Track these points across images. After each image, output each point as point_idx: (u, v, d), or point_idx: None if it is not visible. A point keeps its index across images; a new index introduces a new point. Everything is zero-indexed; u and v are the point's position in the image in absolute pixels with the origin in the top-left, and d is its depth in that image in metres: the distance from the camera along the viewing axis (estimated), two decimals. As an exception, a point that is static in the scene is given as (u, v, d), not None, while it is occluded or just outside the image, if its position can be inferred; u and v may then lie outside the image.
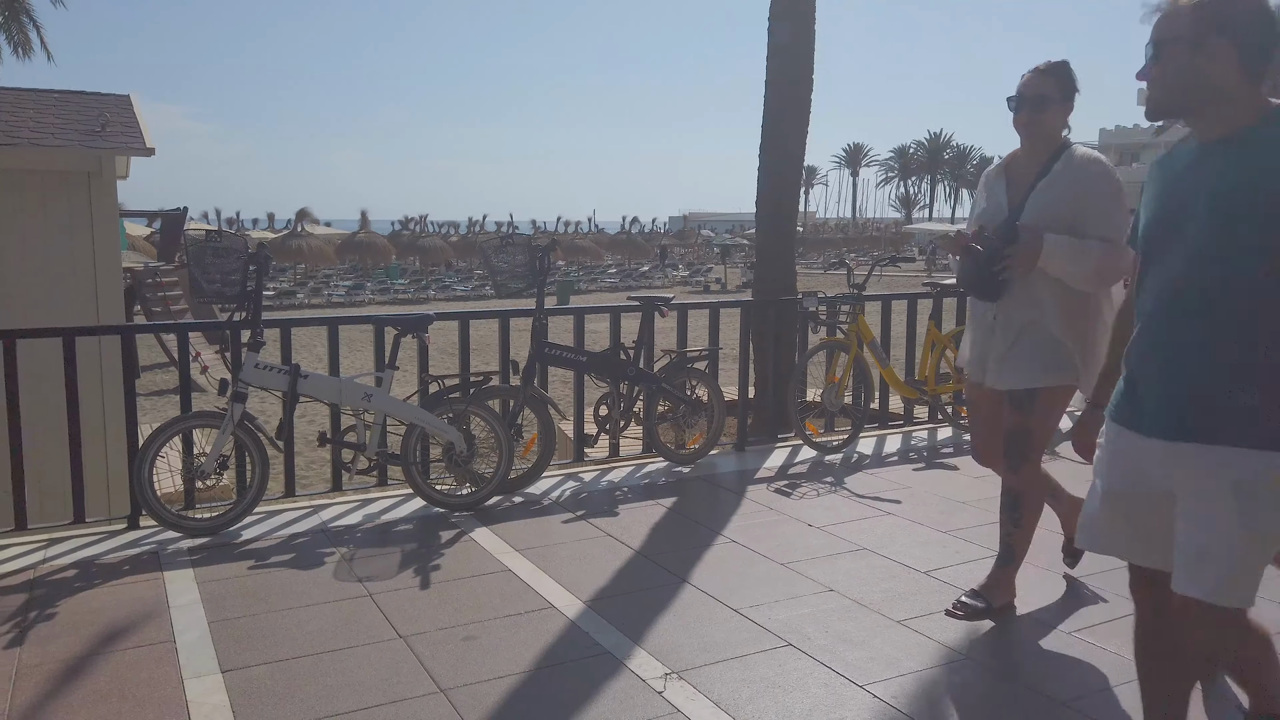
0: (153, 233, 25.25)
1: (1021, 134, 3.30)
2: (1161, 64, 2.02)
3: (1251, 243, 1.91)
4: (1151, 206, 2.13)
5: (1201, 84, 1.99)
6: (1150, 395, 2.08)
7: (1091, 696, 2.87)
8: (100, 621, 3.40)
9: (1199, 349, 2.00)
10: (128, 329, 4.89)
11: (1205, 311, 1.99)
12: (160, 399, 14.93)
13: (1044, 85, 3.23)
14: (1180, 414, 2.02)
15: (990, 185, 3.45)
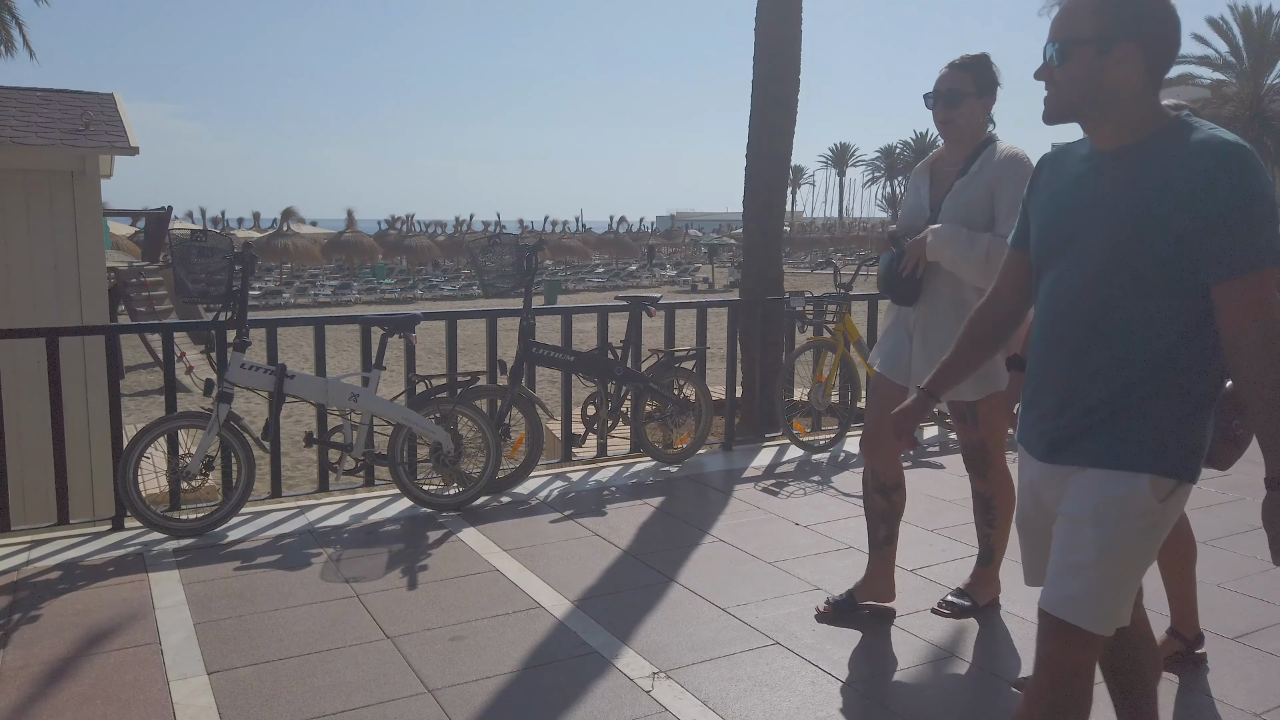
0: (137, 232, 25.10)
1: (939, 130, 3.22)
2: (1066, 66, 1.88)
3: (1144, 259, 1.81)
4: (1044, 214, 2.01)
5: (1107, 89, 1.85)
6: (1041, 414, 1.98)
7: (1076, 693, 2.88)
8: (85, 623, 3.38)
9: (1087, 366, 1.90)
10: (112, 329, 4.86)
11: (1096, 328, 1.89)
12: (145, 399, 14.83)
13: (958, 80, 3.13)
14: (1063, 434, 1.93)
15: (916, 183, 3.37)
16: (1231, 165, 1.76)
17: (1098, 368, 1.88)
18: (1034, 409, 2.00)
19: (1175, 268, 1.79)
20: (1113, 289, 1.85)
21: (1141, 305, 1.83)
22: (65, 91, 8.87)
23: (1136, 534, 1.85)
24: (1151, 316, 1.83)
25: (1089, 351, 1.89)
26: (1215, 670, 3.02)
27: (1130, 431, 1.85)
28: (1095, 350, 1.88)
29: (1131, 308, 1.84)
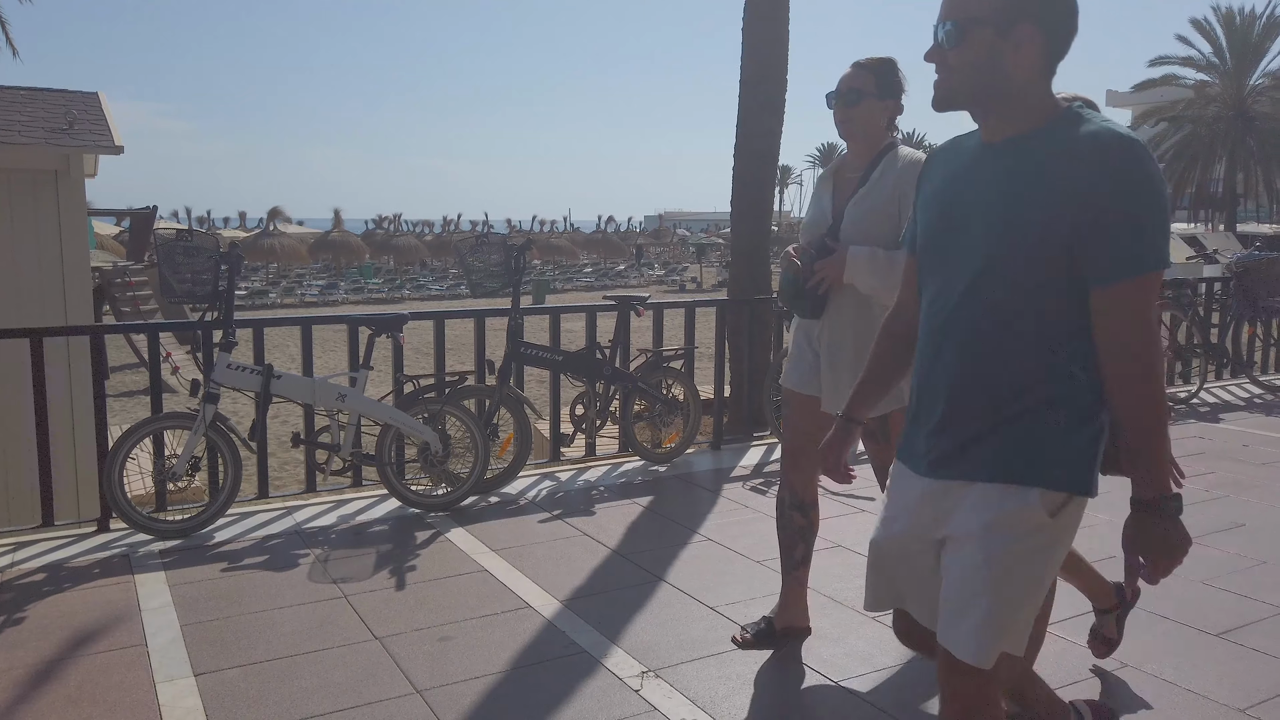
0: (122, 231, 24.94)
1: (838, 131, 3.05)
2: (962, 48, 1.72)
3: (1027, 260, 1.68)
4: (930, 209, 1.87)
5: (1003, 75, 1.70)
6: (926, 429, 1.84)
7: (1062, 690, 2.90)
8: (70, 625, 3.36)
9: (971, 375, 1.76)
10: (97, 329, 4.83)
11: (980, 334, 1.74)
12: (130, 400, 14.74)
13: (859, 79, 2.95)
14: (948, 448, 1.79)
15: (819, 190, 3.19)
16: (1118, 160, 1.62)
17: (982, 376, 1.75)
18: (918, 423, 1.87)
19: (1060, 269, 1.67)
20: (996, 293, 1.72)
21: (1027, 310, 1.71)
22: (49, 90, 8.80)
23: (1029, 553, 1.74)
24: (1038, 322, 1.71)
25: (973, 360, 1.76)
26: (1200, 666, 3.05)
27: (1017, 443, 1.73)
28: (979, 358, 1.75)
29: (1016, 313, 1.71)
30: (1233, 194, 36.12)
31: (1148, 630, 3.31)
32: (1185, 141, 36.70)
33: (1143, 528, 1.69)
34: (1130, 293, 1.64)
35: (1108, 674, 3.01)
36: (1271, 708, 2.79)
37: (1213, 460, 5.60)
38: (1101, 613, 3.07)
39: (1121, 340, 1.65)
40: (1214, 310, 8.14)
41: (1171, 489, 1.69)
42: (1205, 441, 6.08)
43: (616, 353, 5.55)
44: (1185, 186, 37.03)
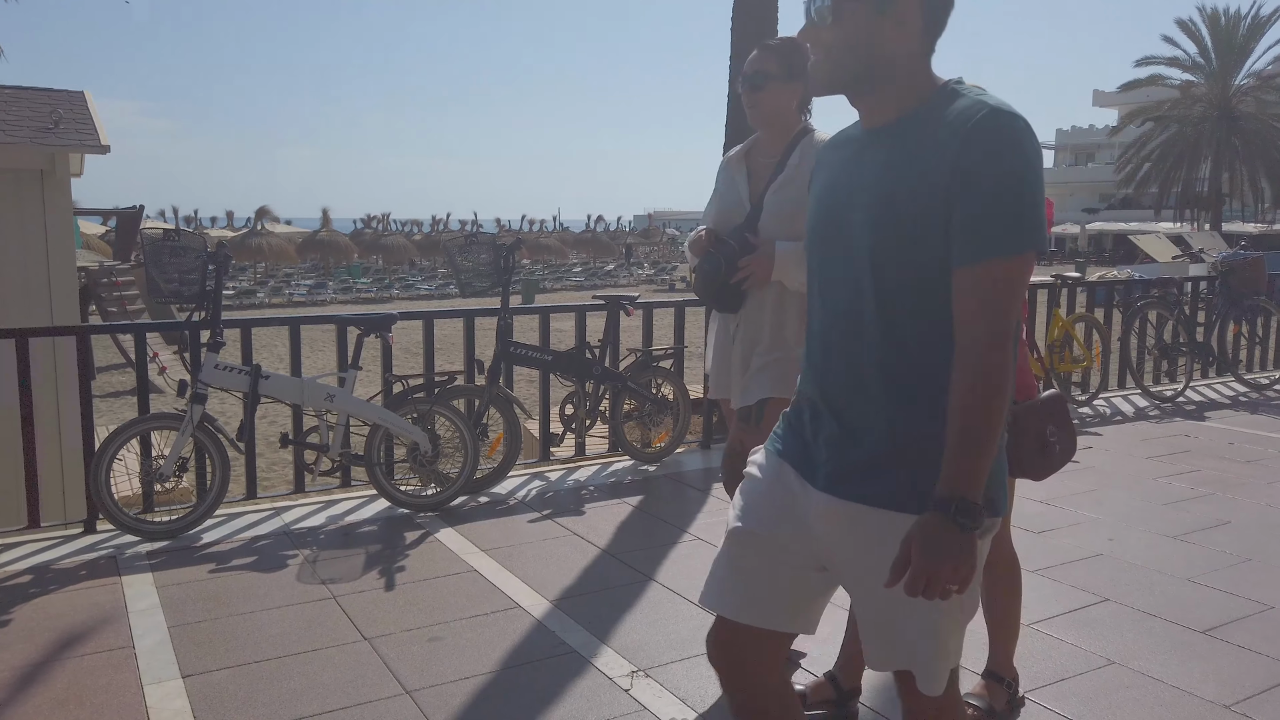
0: (108, 231, 24.79)
1: (748, 116, 2.91)
2: (839, 25, 1.58)
3: (910, 251, 1.54)
4: (814, 207, 1.74)
5: (884, 54, 1.57)
6: (822, 436, 1.68)
7: (1049, 687, 2.92)
8: (57, 627, 3.34)
9: (866, 384, 1.61)
10: (83, 330, 4.80)
11: (873, 331, 1.59)
12: (117, 400, 14.65)
13: (763, 61, 2.82)
14: (848, 465, 1.63)
15: (730, 175, 3.02)
16: (986, 133, 1.48)
17: (878, 383, 1.60)
18: (811, 428, 1.71)
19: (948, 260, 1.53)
20: (884, 291, 1.57)
21: (919, 307, 1.56)
22: (34, 89, 8.74)
23: None
24: (931, 320, 1.55)
25: (867, 367, 1.61)
26: (1185, 664, 3.07)
27: (932, 469, 1.53)
28: (874, 366, 1.60)
29: (908, 311, 1.57)
30: (1218, 193, 36.35)
31: (1132, 627, 3.33)
32: (1171, 141, 36.93)
33: (926, 527, 1.47)
34: (988, 276, 1.48)
35: (1093, 670, 3.02)
36: (1257, 704, 2.81)
37: (1198, 458, 5.64)
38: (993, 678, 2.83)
39: (972, 326, 1.49)
40: (1200, 309, 8.19)
41: (975, 497, 1.47)
42: (1191, 439, 6.12)
43: (606, 352, 5.55)
44: (1171, 186, 37.26)
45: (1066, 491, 4.94)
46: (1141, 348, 7.72)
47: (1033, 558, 3.98)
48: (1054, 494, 4.90)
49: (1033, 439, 2.23)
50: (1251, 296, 7.98)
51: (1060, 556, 4.01)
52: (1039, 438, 2.24)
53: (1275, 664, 3.06)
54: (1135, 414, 6.96)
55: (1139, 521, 4.46)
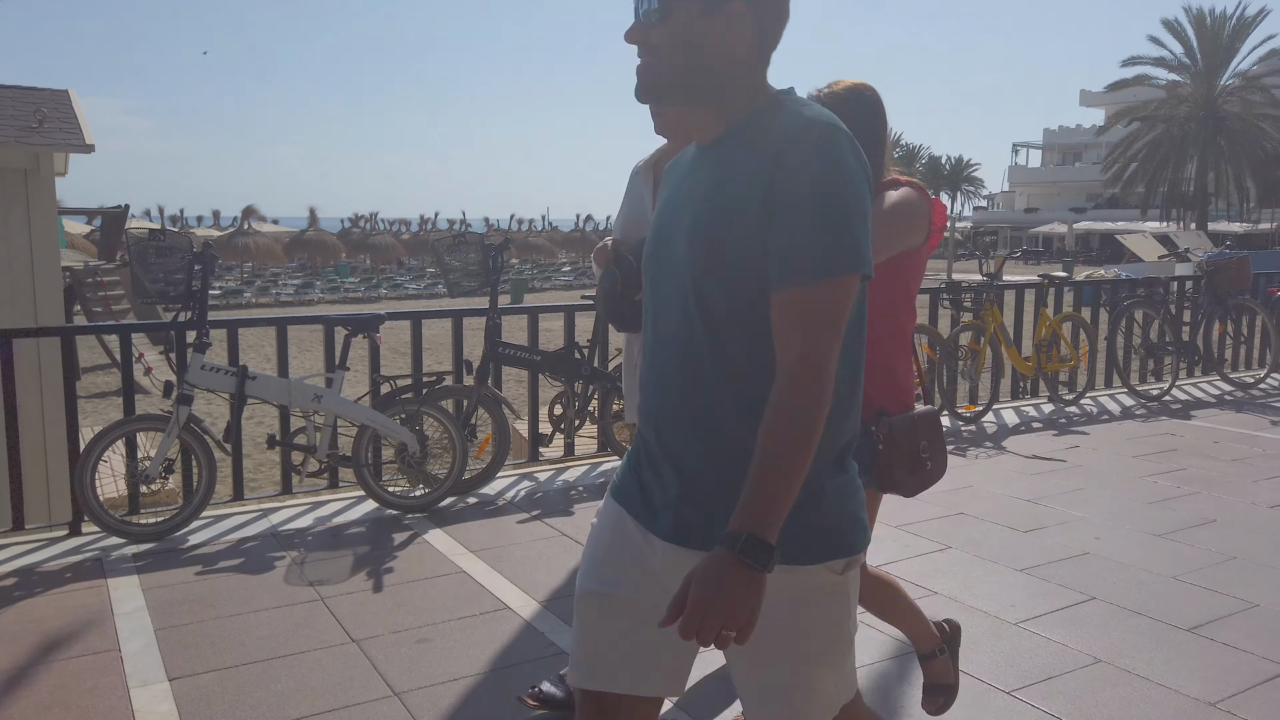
0: (93, 230, 24.65)
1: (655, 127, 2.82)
2: (666, 24, 1.45)
3: (741, 267, 1.41)
4: (653, 222, 1.62)
5: (713, 56, 1.45)
6: (657, 479, 1.54)
7: (1036, 685, 2.93)
8: (42, 631, 3.32)
9: (706, 425, 1.47)
10: (68, 330, 4.78)
11: (698, 366, 1.46)
12: (102, 401, 14.56)
13: None
14: (696, 515, 1.49)
15: (637, 187, 2.94)
16: (805, 146, 1.38)
17: (712, 423, 1.46)
18: (649, 470, 1.56)
19: None
20: (712, 319, 1.44)
21: (750, 339, 1.43)
22: (18, 88, 8.68)
23: (825, 617, 1.52)
24: (766, 353, 1.41)
25: (699, 402, 1.47)
26: (1171, 661, 3.09)
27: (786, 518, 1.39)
28: (706, 401, 1.46)
29: (739, 342, 1.43)
30: (1204, 193, 36.62)
31: (1118, 625, 3.35)
32: (1158, 141, 37.18)
33: (709, 565, 1.32)
34: (804, 301, 1.36)
35: (1080, 669, 3.04)
36: (1242, 701, 2.83)
37: (1184, 456, 5.68)
38: (926, 657, 2.71)
39: (788, 355, 1.36)
40: (1185, 308, 8.24)
41: (768, 535, 1.32)
42: (1177, 438, 6.16)
43: (595, 352, 5.55)
44: (1158, 185, 37.51)
45: (1053, 490, 4.97)
46: (1128, 347, 7.77)
47: (1020, 556, 4.00)
48: (1041, 493, 4.92)
49: (905, 455, 2.25)
50: (1236, 296, 8.04)
51: (1047, 555, 4.03)
52: (912, 454, 2.26)
53: (1260, 661, 3.08)
54: (1122, 413, 7.00)
55: (1125, 520, 4.48)
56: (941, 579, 3.77)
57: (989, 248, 54.46)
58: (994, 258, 7.66)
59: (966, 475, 5.29)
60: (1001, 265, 7.33)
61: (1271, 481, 5.14)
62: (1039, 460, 5.61)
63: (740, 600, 1.30)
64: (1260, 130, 35.22)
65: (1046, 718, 2.75)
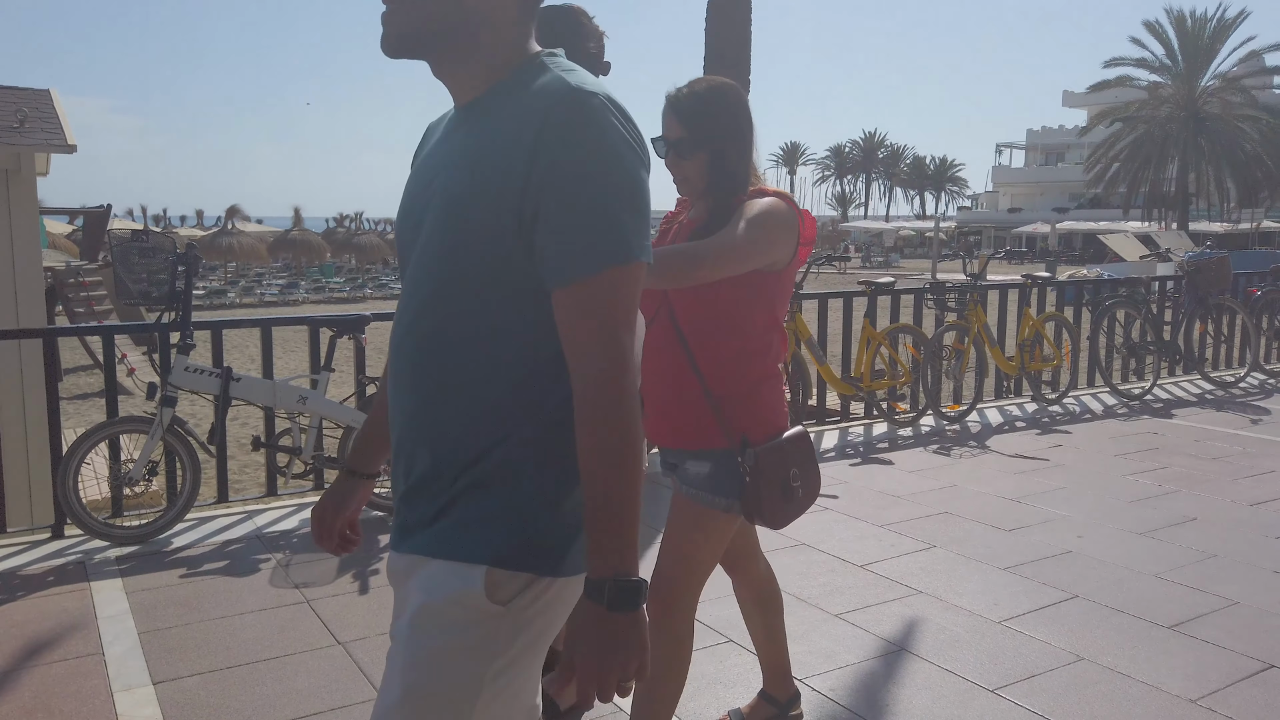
0: (75, 230, 24.47)
1: None
2: None
3: (478, 256, 1.27)
4: (404, 192, 1.46)
5: (468, 9, 1.29)
6: (399, 483, 1.40)
7: (1019, 684, 2.96)
8: (24, 635, 3.29)
9: (431, 413, 1.33)
10: (50, 332, 4.74)
11: (436, 358, 1.32)
12: (85, 403, 14.45)
13: None
14: (414, 513, 1.36)
15: None
16: (562, 119, 1.22)
17: (442, 415, 1.32)
18: (394, 474, 1.43)
19: (521, 271, 1.27)
20: (450, 302, 1.30)
21: (492, 327, 1.29)
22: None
23: (459, 653, 1.28)
24: (503, 343, 1.29)
25: (431, 392, 1.33)
26: (1152, 659, 3.12)
27: (475, 506, 1.30)
28: (438, 390, 1.32)
29: (475, 330, 1.30)
30: (1185, 193, 36.91)
31: (1101, 623, 3.38)
32: (1139, 141, 37.46)
33: (584, 624, 1.23)
34: (588, 296, 1.23)
35: (1063, 666, 3.06)
36: (1223, 698, 2.86)
37: (1165, 455, 5.73)
38: (765, 698, 2.68)
39: (581, 361, 1.24)
40: (1167, 308, 8.32)
41: (631, 569, 1.23)
42: (1158, 437, 6.21)
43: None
44: (1139, 185, 37.81)
45: (1036, 489, 5.01)
46: (1110, 346, 7.83)
47: (1003, 555, 4.03)
48: (1024, 492, 4.96)
49: (774, 485, 2.12)
50: (1217, 296, 8.12)
51: (1030, 554, 4.06)
52: (781, 483, 2.12)
53: (1240, 658, 3.11)
54: (1104, 412, 7.05)
55: (1107, 518, 4.52)
56: (925, 578, 3.79)
57: (973, 248, 54.76)
58: (978, 258, 7.71)
59: (951, 474, 5.32)
60: (985, 265, 7.37)
61: (1252, 479, 5.20)
62: (1022, 459, 5.65)
63: (628, 648, 1.22)
64: (1240, 131, 35.54)
65: (1029, 715, 2.77)
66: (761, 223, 2.12)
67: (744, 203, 2.16)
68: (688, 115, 2.17)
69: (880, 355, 6.65)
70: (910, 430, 6.45)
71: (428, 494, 1.34)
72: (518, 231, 1.25)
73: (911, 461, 5.64)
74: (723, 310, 2.18)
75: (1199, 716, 2.77)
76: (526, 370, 1.30)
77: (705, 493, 2.23)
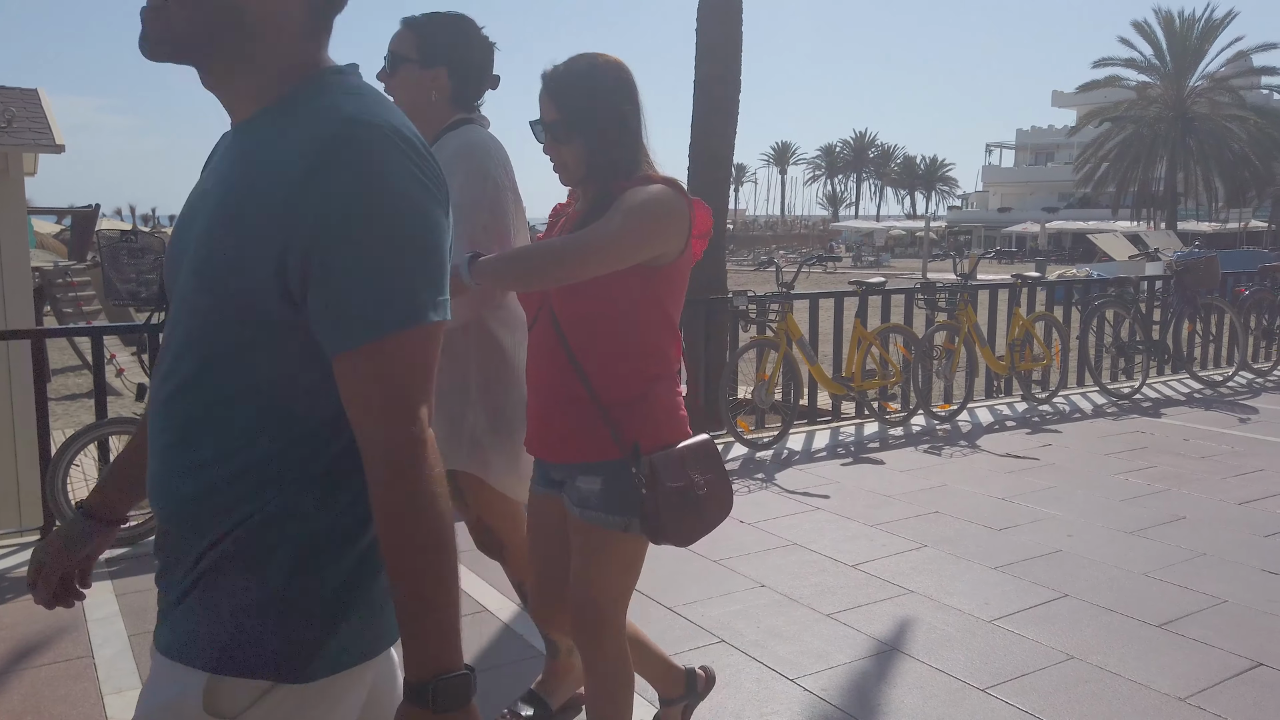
0: (63, 230, 24.33)
1: None
2: None
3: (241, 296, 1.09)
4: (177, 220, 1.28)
5: (236, 8, 1.11)
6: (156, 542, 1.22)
7: (1010, 682, 2.97)
8: (13, 638, 3.28)
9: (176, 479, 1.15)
10: (38, 333, 4.71)
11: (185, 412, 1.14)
12: (74, 404, 14.37)
13: (401, 41, 2.38)
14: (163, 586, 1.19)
15: None
16: (336, 159, 1.05)
17: (188, 483, 1.14)
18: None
19: (289, 324, 1.09)
20: (204, 350, 1.13)
21: (248, 384, 1.12)
22: (-14, 86, 8.56)
23: None
24: (263, 400, 1.12)
25: (178, 452, 1.15)
26: (1141, 657, 3.13)
27: (211, 594, 1.11)
28: (185, 451, 1.14)
29: (233, 386, 1.12)
30: (1173, 193, 37.12)
31: (1091, 622, 3.40)
32: (1128, 141, 37.66)
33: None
34: (369, 365, 1.06)
35: (1053, 665, 3.08)
36: (1211, 696, 2.88)
37: (1154, 454, 5.76)
38: (667, 703, 2.57)
39: (372, 433, 1.07)
40: (1155, 307, 8.36)
41: (455, 665, 1.09)
42: (1147, 436, 6.24)
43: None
44: (1128, 185, 38.00)
45: (1027, 488, 5.03)
46: (1099, 346, 7.86)
47: (994, 554, 4.05)
48: (1014, 491, 4.98)
49: (674, 497, 1.94)
50: (1205, 295, 8.17)
51: (1020, 553, 4.07)
52: (682, 495, 1.95)
53: (1228, 656, 3.13)
54: (1094, 411, 7.08)
55: (1097, 517, 4.54)
56: (916, 577, 3.81)
57: (963, 247, 54.94)
58: (968, 258, 7.74)
59: (941, 474, 5.34)
60: (975, 265, 7.40)
61: (1240, 478, 5.23)
62: (1012, 459, 5.67)
63: None
64: (1228, 131, 35.75)
65: (1020, 714, 2.79)
66: (641, 214, 1.92)
67: (626, 191, 1.97)
68: (562, 96, 1.98)
69: (871, 355, 6.67)
70: (901, 430, 6.47)
71: (176, 572, 1.15)
72: (275, 276, 1.07)
73: (902, 461, 5.65)
74: (606, 309, 2.00)
75: (1188, 714, 2.78)
76: (287, 435, 1.11)
77: (600, 512, 2.04)
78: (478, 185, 2.31)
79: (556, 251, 1.93)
